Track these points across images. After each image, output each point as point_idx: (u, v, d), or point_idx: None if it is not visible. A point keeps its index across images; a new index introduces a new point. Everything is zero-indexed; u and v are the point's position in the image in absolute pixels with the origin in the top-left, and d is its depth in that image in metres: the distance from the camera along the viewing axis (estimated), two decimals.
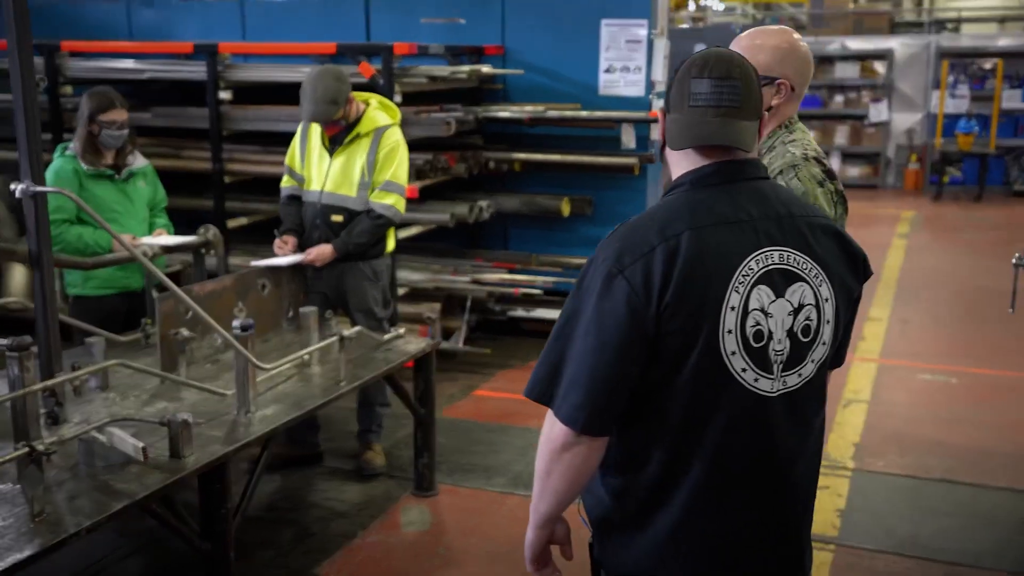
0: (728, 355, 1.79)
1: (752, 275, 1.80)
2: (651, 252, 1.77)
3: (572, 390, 1.79)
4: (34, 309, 3.21)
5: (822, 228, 1.92)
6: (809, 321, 1.86)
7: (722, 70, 1.83)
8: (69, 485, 2.85)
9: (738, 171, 1.88)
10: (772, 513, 1.90)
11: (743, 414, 1.82)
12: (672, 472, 1.85)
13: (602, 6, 6.57)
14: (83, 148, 4.33)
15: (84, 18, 8.09)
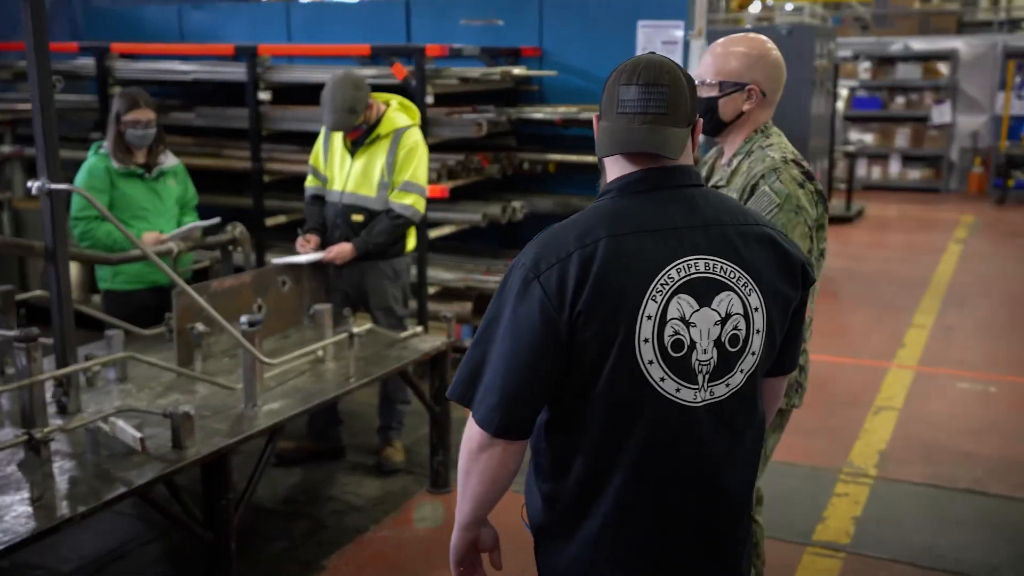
0: (645, 364, 1.77)
1: (672, 284, 1.78)
2: (567, 258, 1.76)
3: (488, 393, 1.80)
4: (49, 301, 3.33)
5: (755, 236, 1.88)
6: (737, 331, 1.83)
7: (650, 76, 1.83)
8: (73, 472, 2.96)
9: (666, 178, 1.86)
10: (702, 522, 1.89)
11: (664, 424, 1.81)
12: (595, 479, 1.84)
13: (638, 7, 6.54)
14: (114, 147, 4.47)
15: (139, 21, 8.33)
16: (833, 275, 9.33)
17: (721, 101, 2.68)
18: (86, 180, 4.45)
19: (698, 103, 2.63)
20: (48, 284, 3.32)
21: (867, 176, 14.98)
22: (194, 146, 6.91)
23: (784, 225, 2.55)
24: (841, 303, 8.47)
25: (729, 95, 2.67)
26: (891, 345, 6.91)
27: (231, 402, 3.54)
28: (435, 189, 5.79)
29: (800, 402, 2.81)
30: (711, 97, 2.68)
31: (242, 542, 4.01)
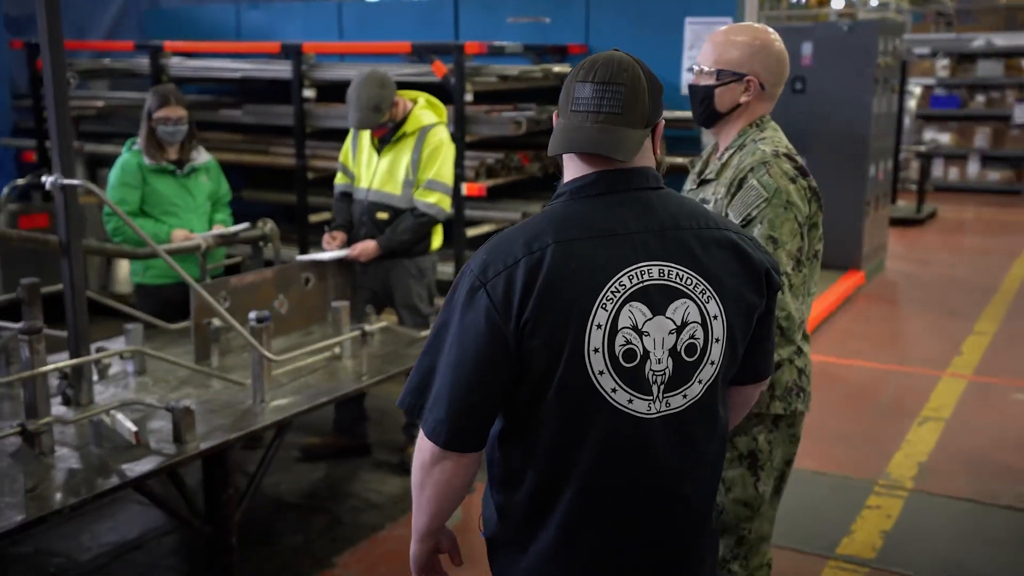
0: (596, 374, 1.70)
1: (624, 291, 1.71)
2: (514, 265, 1.70)
3: (436, 404, 1.75)
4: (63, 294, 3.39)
5: (716, 240, 1.80)
6: (694, 340, 1.76)
7: (606, 74, 1.75)
8: (73, 464, 3.00)
9: (621, 180, 1.78)
10: (659, 535, 1.82)
11: (617, 436, 1.74)
12: (547, 491, 1.78)
13: (687, 3, 6.44)
14: (146, 144, 4.54)
15: (198, 20, 8.50)
16: (894, 279, 9.07)
17: (718, 91, 2.58)
18: (118, 176, 4.54)
19: (695, 91, 2.60)
20: (62, 277, 3.38)
21: (943, 177, 14.51)
22: (243, 143, 7.02)
23: (772, 220, 2.46)
24: (899, 308, 8.22)
25: (726, 85, 2.57)
26: (947, 353, 6.66)
27: (241, 397, 3.57)
28: (472, 187, 5.78)
29: (805, 407, 2.68)
30: (707, 86, 2.59)
31: (258, 535, 4.08)
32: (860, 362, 6.51)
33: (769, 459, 2.64)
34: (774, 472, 2.68)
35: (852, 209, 8.63)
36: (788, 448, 2.71)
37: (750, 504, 2.65)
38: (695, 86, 2.63)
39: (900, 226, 11.32)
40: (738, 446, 2.61)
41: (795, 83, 8.89)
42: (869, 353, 6.69)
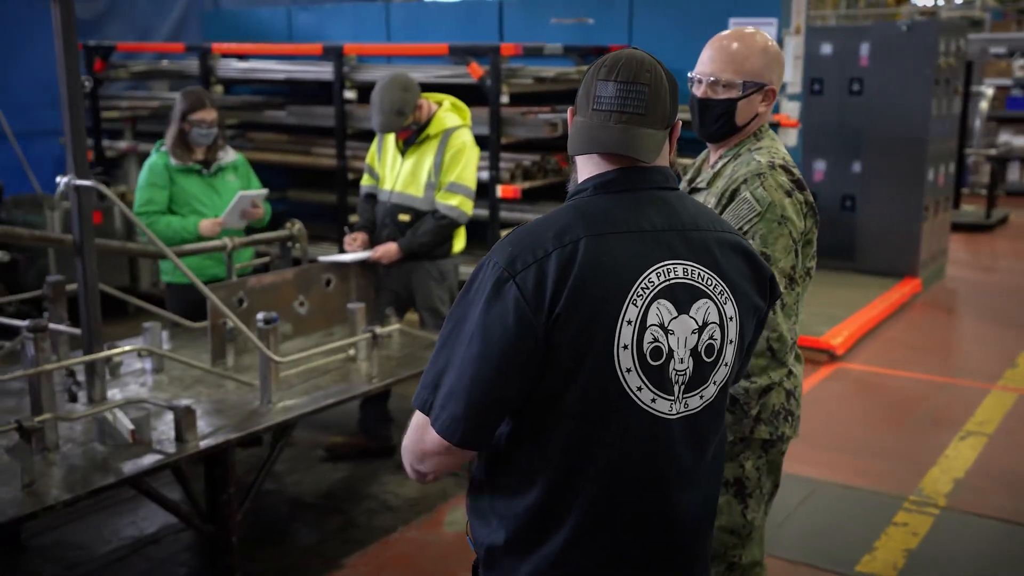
0: (623, 372, 1.67)
1: (652, 288, 1.69)
2: (546, 257, 1.65)
3: (451, 400, 1.69)
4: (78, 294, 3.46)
5: (730, 245, 1.80)
6: (713, 340, 1.74)
7: (629, 74, 1.72)
8: (75, 460, 3.06)
9: (642, 179, 1.76)
10: (660, 540, 1.79)
11: (637, 436, 1.70)
12: (561, 495, 1.73)
13: (731, 4, 6.33)
14: (173, 144, 4.62)
15: (252, 22, 8.64)
16: (954, 287, 8.79)
17: (740, 103, 2.45)
18: (146, 177, 4.62)
19: (714, 105, 2.47)
20: (76, 277, 3.45)
21: (1020, 181, 14.02)
22: (287, 143, 7.11)
23: (765, 236, 2.37)
24: (956, 318, 7.96)
25: (748, 97, 2.45)
26: (1000, 365, 6.42)
27: (250, 398, 3.60)
28: (507, 189, 5.76)
29: (793, 432, 2.55)
30: (729, 99, 2.44)
31: (272, 534, 4.12)
32: (906, 373, 6.31)
33: (758, 486, 2.54)
34: (763, 499, 2.57)
35: (908, 214, 8.39)
36: (776, 475, 2.61)
37: (737, 532, 2.54)
38: (711, 100, 2.46)
39: (967, 232, 10.98)
40: (724, 472, 2.45)
41: (852, 84, 8.68)
42: (917, 363, 6.49)
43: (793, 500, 4.42)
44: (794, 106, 6.35)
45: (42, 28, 8.16)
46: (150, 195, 4.58)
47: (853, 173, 8.75)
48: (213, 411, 3.47)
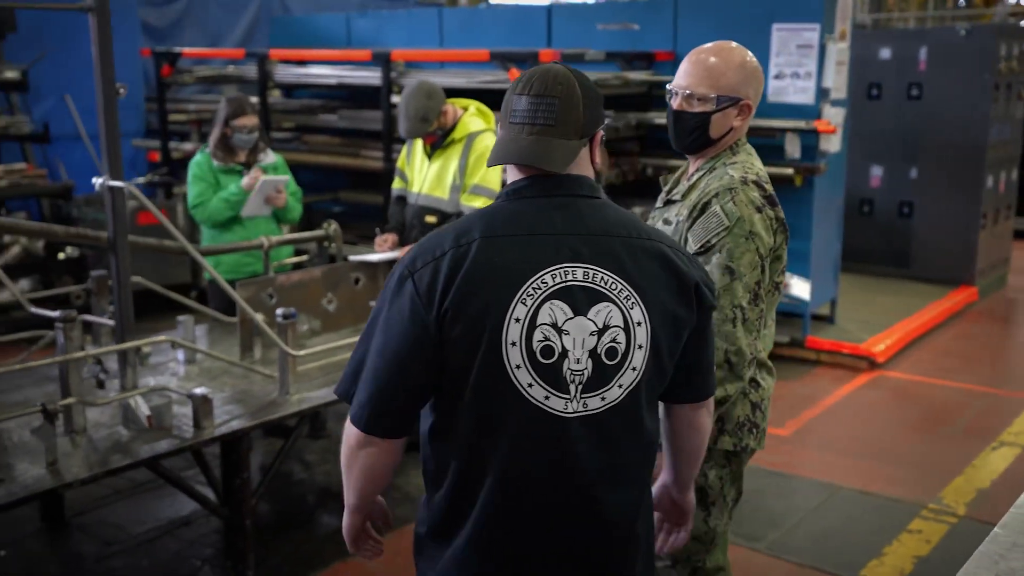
0: (512, 368, 1.75)
1: (545, 289, 1.75)
2: (441, 257, 1.76)
3: (361, 389, 1.82)
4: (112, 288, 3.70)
5: (646, 251, 1.83)
6: (615, 344, 1.78)
7: (541, 88, 1.81)
8: (98, 443, 3.28)
9: (555, 186, 1.83)
10: (576, 536, 1.84)
11: (532, 431, 1.78)
12: (467, 485, 1.82)
13: (774, 10, 6.33)
14: (215, 146, 4.86)
15: (313, 28, 8.91)
16: (1014, 296, 8.62)
17: (714, 117, 2.46)
18: (194, 172, 4.90)
19: (689, 118, 2.48)
20: (111, 272, 3.68)
21: None
22: (339, 146, 7.34)
23: (732, 250, 2.37)
24: (1010, 327, 7.80)
25: (723, 110, 2.46)
26: None
27: (270, 389, 3.78)
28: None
29: (756, 444, 2.56)
30: (703, 113, 2.46)
31: (295, 521, 4.31)
32: (947, 381, 6.24)
33: (721, 495, 2.57)
34: (727, 507, 2.60)
35: (965, 222, 8.26)
36: (739, 483, 2.64)
37: (700, 539, 2.58)
38: (686, 113, 2.48)
39: None
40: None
41: (911, 89, 8.57)
42: (960, 373, 6.40)
43: (808, 504, 4.45)
44: (837, 111, 6.33)
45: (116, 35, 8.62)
46: (200, 188, 4.85)
47: (910, 179, 8.64)
48: (233, 400, 3.66)
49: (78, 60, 8.36)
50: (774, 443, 5.19)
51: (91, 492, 4.48)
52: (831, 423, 5.53)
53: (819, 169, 6.23)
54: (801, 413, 5.66)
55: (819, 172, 6.25)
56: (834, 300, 7.14)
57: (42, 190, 7.22)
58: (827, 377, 6.33)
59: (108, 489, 4.53)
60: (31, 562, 3.95)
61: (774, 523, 4.27)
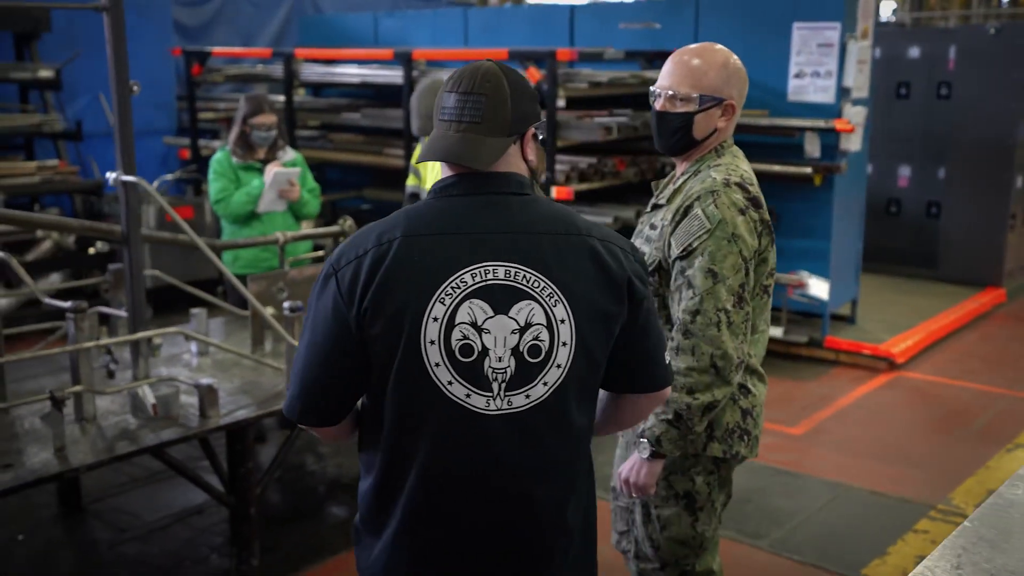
0: (432, 366, 1.76)
1: (465, 288, 1.76)
2: (363, 255, 1.78)
3: (293, 382, 1.87)
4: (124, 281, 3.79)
5: (573, 247, 1.82)
6: (538, 342, 1.78)
7: (469, 85, 1.81)
8: (107, 431, 3.36)
9: (482, 184, 1.84)
10: (503, 534, 1.84)
11: (454, 429, 1.78)
12: (391, 481, 1.84)
13: (795, 9, 6.32)
14: (234, 144, 4.96)
15: (342, 27, 9.01)
16: None
17: (697, 117, 2.43)
18: (215, 169, 5.00)
19: (672, 118, 2.45)
20: (124, 264, 3.78)
21: None
22: (362, 144, 7.43)
23: (713, 253, 2.34)
24: None
25: (706, 111, 2.43)
26: None
27: (277, 381, 3.86)
28: (561, 191, 5.92)
29: (748, 452, 2.52)
30: (686, 113, 2.43)
31: (305, 511, 4.39)
32: (967, 383, 6.18)
33: (708, 501, 2.55)
34: (714, 512, 2.58)
35: (993, 222, 8.17)
36: (728, 488, 2.62)
37: (688, 543, 2.58)
38: (668, 113, 2.46)
39: None
40: (674, 485, 2.53)
41: (940, 88, 8.49)
42: (981, 374, 6.34)
43: (814, 503, 4.45)
44: (858, 111, 6.30)
45: (148, 33, 8.79)
46: (221, 184, 4.95)
47: (938, 179, 8.56)
48: (241, 391, 3.74)
49: None
50: (784, 442, 5.19)
51: (108, 479, 4.61)
52: (844, 423, 5.51)
53: (839, 168, 6.20)
54: (815, 413, 5.64)
55: (839, 171, 6.22)
56: (855, 300, 7.10)
57: (74, 186, 7.38)
58: (844, 377, 6.31)
59: (125, 477, 4.64)
60: (47, 547, 4.06)
61: (778, 521, 4.28)
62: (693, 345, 2.33)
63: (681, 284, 2.38)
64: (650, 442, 2.40)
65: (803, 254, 6.53)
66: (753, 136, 6.45)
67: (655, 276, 2.47)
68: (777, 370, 6.40)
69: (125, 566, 3.92)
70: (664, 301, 2.46)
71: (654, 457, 2.43)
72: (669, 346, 2.38)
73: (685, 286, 2.36)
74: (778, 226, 6.58)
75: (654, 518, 2.57)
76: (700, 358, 2.32)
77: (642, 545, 2.62)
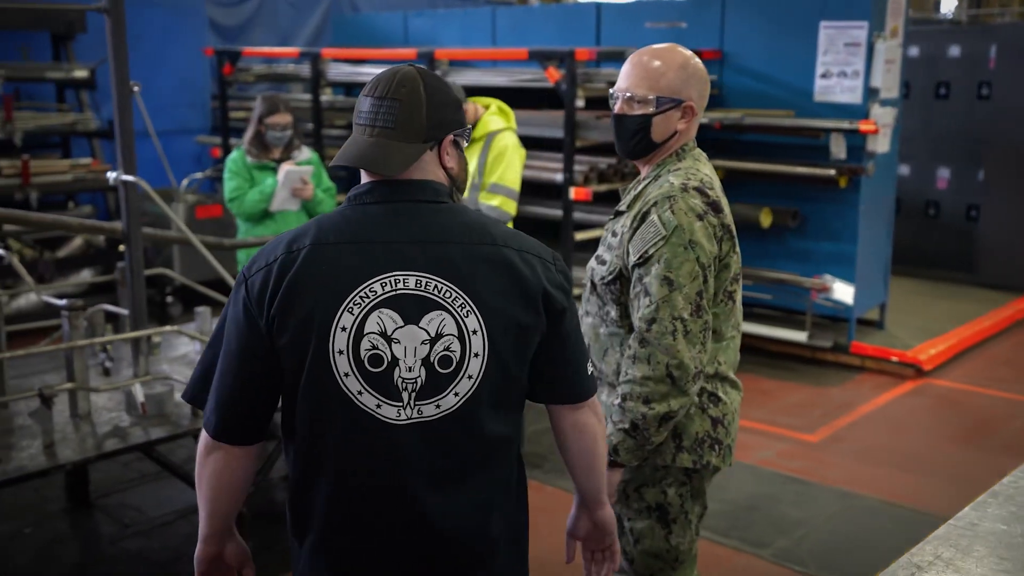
0: (341, 376, 1.74)
1: (374, 297, 1.74)
2: (273, 263, 1.76)
3: (211, 394, 1.83)
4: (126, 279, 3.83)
5: (487, 258, 1.79)
6: (449, 352, 1.76)
7: (385, 89, 1.80)
8: (100, 428, 3.40)
9: (396, 191, 1.81)
10: (415, 547, 1.81)
11: (364, 438, 1.76)
12: (307, 489, 1.82)
13: (822, 7, 6.20)
14: (249, 143, 4.99)
15: (373, 27, 9.05)
16: None
17: (656, 119, 2.37)
18: (229, 168, 5.05)
19: (629, 121, 2.40)
20: (125, 262, 3.82)
21: None
22: None
23: (669, 261, 2.27)
24: None
25: (664, 112, 2.37)
26: None
27: None
28: (579, 191, 5.87)
29: (720, 461, 2.44)
30: (644, 115, 2.38)
31: None
32: (996, 392, 6.01)
33: (681, 513, 2.48)
34: (689, 524, 2.51)
35: None
36: (703, 499, 2.54)
37: (662, 556, 2.51)
38: (626, 116, 2.41)
39: None
40: (646, 497, 2.47)
41: (980, 88, 8.28)
42: (1012, 383, 6.16)
43: (823, 512, 4.35)
44: (887, 112, 6.16)
45: (183, 33, 8.91)
46: (236, 183, 4.99)
47: (978, 181, 8.35)
48: None
49: (146, 59, 8.73)
50: (799, 449, 5.09)
51: (117, 475, 4.67)
52: (864, 431, 5.39)
53: (864, 170, 6.07)
54: (834, 420, 5.53)
55: (864, 173, 6.09)
56: (883, 304, 6.94)
57: (106, 184, 7.49)
58: (869, 384, 6.17)
59: (135, 473, 4.70)
60: (52, 540, 4.12)
61: (784, 530, 4.19)
62: (649, 354, 2.27)
63: (639, 292, 2.32)
64: (608, 451, 2.35)
65: (828, 257, 6.41)
66: (777, 137, 6.36)
67: (617, 284, 2.41)
68: (799, 375, 6.29)
69: (125, 561, 3.96)
70: (626, 310, 2.41)
71: (612, 466, 2.38)
72: (626, 354, 2.33)
73: (642, 294, 2.31)
74: (802, 228, 6.47)
75: (627, 531, 2.52)
76: (656, 367, 2.27)
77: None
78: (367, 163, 1.80)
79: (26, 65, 7.59)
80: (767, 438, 5.24)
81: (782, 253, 6.56)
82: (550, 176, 6.09)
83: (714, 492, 4.51)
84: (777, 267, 6.51)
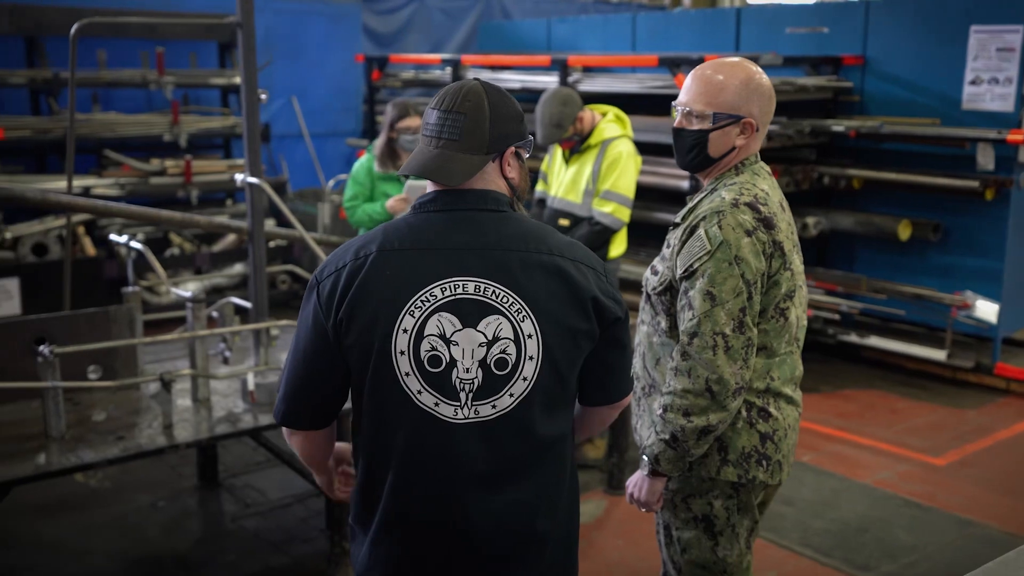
0: (403, 375, 1.84)
1: (435, 301, 1.83)
2: (342, 268, 1.89)
3: (281, 385, 2.00)
4: (248, 275, 4.08)
5: (543, 265, 1.87)
6: (506, 355, 1.84)
7: (451, 103, 1.89)
8: (217, 412, 3.64)
9: (458, 200, 1.91)
10: (469, 542, 1.89)
11: (423, 435, 1.86)
12: (372, 483, 1.93)
13: (974, 11, 5.92)
14: (380, 151, 5.17)
15: (518, 34, 9.21)
16: None
17: (713, 135, 2.38)
18: (353, 174, 5.22)
19: (687, 135, 2.44)
20: (249, 259, 4.07)
21: None
22: None
23: (712, 276, 2.27)
24: None
25: (722, 128, 2.38)
26: None
27: None
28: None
29: (769, 477, 2.41)
30: (700, 131, 2.39)
31: None
32: None
33: (728, 526, 2.46)
34: (736, 538, 2.47)
35: None
36: (753, 514, 2.50)
37: (709, 568, 2.49)
38: (684, 130, 2.43)
39: None
40: (692, 508, 2.47)
41: None
42: None
43: (937, 539, 4.18)
44: None
45: (340, 42, 9.32)
46: (355, 190, 5.19)
47: None
48: None
49: (304, 65, 9.18)
50: (921, 472, 4.89)
51: (247, 457, 4.97)
52: (998, 457, 5.12)
53: (1012, 182, 5.76)
54: (966, 444, 5.27)
55: (1012, 185, 5.77)
56: None
57: None
58: (1012, 408, 5.84)
59: (263, 456, 4.98)
60: (181, 514, 4.43)
61: (892, 555, 4.05)
62: (690, 367, 2.29)
63: (684, 305, 2.34)
64: (649, 460, 2.37)
65: (972, 273, 6.11)
66: (919, 146, 6.11)
67: (667, 295, 2.43)
68: (935, 395, 6.02)
69: (241, 539, 4.22)
70: (675, 321, 2.42)
71: (654, 475, 2.40)
72: (669, 366, 2.36)
73: (687, 307, 2.32)
74: (944, 242, 6.19)
75: (675, 540, 2.52)
76: (696, 381, 2.27)
77: (667, 567, 2.58)
78: (431, 173, 1.90)
79: (193, 72, 8.11)
80: (889, 458, 5.06)
81: (921, 267, 6.30)
82: (676, 183, 6.06)
83: (823, 510, 4.42)
84: (916, 282, 6.25)
